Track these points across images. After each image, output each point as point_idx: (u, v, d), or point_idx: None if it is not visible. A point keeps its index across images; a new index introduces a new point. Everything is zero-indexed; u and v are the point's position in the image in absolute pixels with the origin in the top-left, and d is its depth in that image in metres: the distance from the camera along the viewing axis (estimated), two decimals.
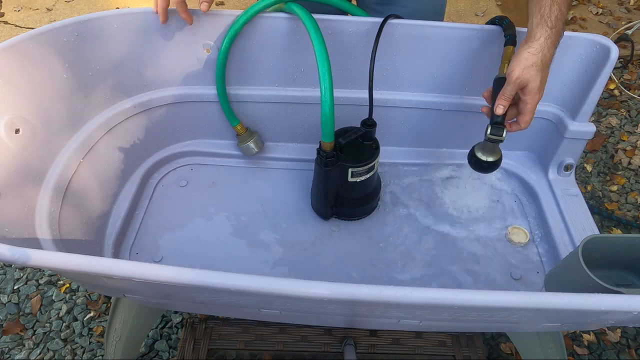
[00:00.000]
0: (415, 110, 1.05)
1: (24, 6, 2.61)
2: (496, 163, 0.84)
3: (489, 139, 0.80)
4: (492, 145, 0.82)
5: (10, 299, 1.36)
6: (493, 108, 0.78)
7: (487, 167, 0.84)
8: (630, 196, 1.64)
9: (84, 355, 1.25)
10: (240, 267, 0.94)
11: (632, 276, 0.78)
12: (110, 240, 0.94)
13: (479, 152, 0.84)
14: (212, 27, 0.92)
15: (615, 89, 2.11)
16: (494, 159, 0.83)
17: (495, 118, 0.79)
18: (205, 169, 1.13)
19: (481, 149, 0.84)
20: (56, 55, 0.84)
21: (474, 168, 0.86)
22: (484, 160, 0.83)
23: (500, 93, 0.77)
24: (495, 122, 0.79)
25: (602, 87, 0.91)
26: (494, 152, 0.83)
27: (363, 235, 1.00)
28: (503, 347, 1.25)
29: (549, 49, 0.75)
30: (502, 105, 0.77)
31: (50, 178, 0.84)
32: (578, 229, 0.95)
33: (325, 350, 1.10)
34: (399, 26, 0.91)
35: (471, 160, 0.86)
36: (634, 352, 1.25)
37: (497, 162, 0.84)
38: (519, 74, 0.74)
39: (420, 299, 0.51)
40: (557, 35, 0.76)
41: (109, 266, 0.54)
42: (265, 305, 0.72)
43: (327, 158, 0.88)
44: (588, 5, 2.64)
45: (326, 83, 0.80)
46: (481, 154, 0.83)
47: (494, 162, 0.83)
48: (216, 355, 1.12)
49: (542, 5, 0.75)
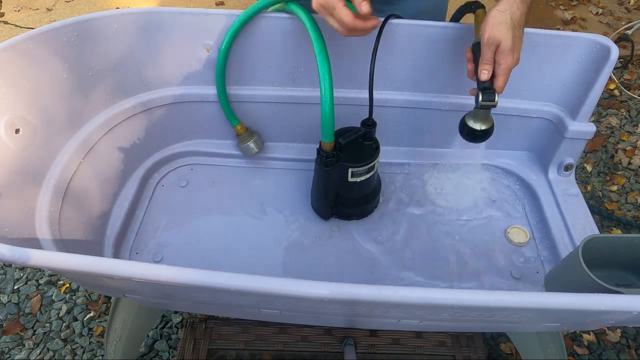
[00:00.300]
0: (415, 110, 1.05)
1: (24, 6, 2.61)
2: (489, 131, 0.80)
3: (482, 106, 0.76)
4: (484, 113, 0.79)
5: (10, 299, 1.36)
6: (477, 75, 0.76)
7: (481, 136, 0.80)
8: (630, 196, 1.65)
9: (84, 355, 1.25)
10: (240, 267, 0.94)
11: (632, 276, 0.78)
12: (110, 240, 0.94)
13: (471, 121, 0.80)
14: (212, 27, 0.92)
15: (615, 89, 2.11)
16: (487, 126, 0.80)
17: (482, 84, 0.76)
18: (205, 169, 1.13)
19: (473, 117, 0.80)
20: (56, 55, 0.84)
21: (467, 139, 0.82)
22: (478, 129, 0.79)
23: (480, 59, 0.75)
24: (484, 87, 0.76)
25: (602, 87, 0.91)
26: (486, 119, 0.80)
27: (363, 235, 1.00)
28: (503, 347, 1.25)
29: (519, 7, 0.73)
30: (485, 70, 0.75)
31: (50, 178, 0.84)
32: (578, 229, 0.95)
33: (325, 350, 1.10)
34: (399, 26, 0.91)
35: (463, 130, 0.82)
36: (634, 352, 1.25)
37: (490, 130, 0.80)
38: (490, 33, 0.73)
39: (420, 299, 0.51)
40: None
41: (109, 266, 0.53)
42: (265, 305, 0.72)
43: (327, 158, 0.88)
44: (588, 5, 2.64)
45: (326, 83, 0.80)
46: (473, 122, 0.80)
47: (488, 130, 0.80)
48: (216, 355, 1.12)
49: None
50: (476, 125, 0.80)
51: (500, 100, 1.01)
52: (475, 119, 0.80)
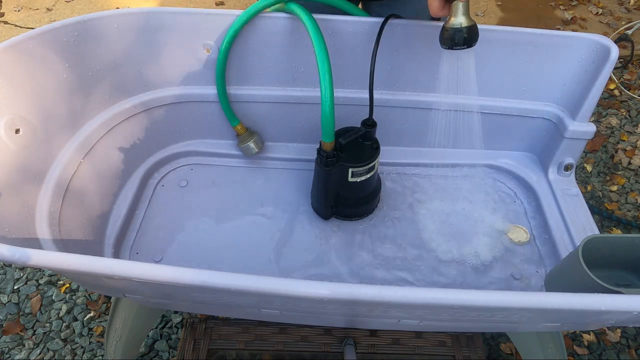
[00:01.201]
0: (415, 110, 1.05)
1: (24, 6, 2.61)
2: (474, 28, 0.72)
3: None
4: (460, 9, 0.71)
5: (10, 299, 1.36)
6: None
7: (467, 32, 0.72)
8: (630, 196, 1.65)
9: (84, 355, 1.25)
10: (240, 267, 0.94)
11: (632, 276, 0.78)
12: (110, 240, 0.94)
13: (450, 23, 0.72)
14: (212, 27, 0.92)
15: (615, 89, 2.11)
16: (470, 22, 0.71)
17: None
18: (205, 169, 1.13)
19: (449, 21, 0.73)
20: (56, 55, 0.84)
21: (452, 45, 0.73)
22: (460, 26, 0.71)
23: None
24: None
25: (602, 87, 0.91)
26: (465, 16, 0.71)
27: (363, 235, 1.00)
28: (503, 347, 1.25)
29: None
30: None
31: (50, 178, 0.84)
32: (578, 229, 0.95)
33: (325, 350, 1.10)
34: (400, 26, 0.91)
35: (445, 37, 0.73)
36: (634, 352, 1.25)
37: (474, 26, 0.72)
38: None
39: (420, 299, 0.51)
40: None
41: (109, 266, 0.53)
42: (265, 305, 0.72)
43: (328, 158, 0.88)
44: (588, 5, 2.64)
45: (326, 83, 0.80)
46: (453, 21, 0.72)
47: (472, 27, 0.72)
48: (216, 355, 1.12)
49: None
50: (458, 23, 0.71)
51: (500, 101, 1.02)
52: (455, 18, 0.72)
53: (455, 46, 0.73)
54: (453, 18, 0.72)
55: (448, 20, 0.73)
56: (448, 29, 0.73)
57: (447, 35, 0.73)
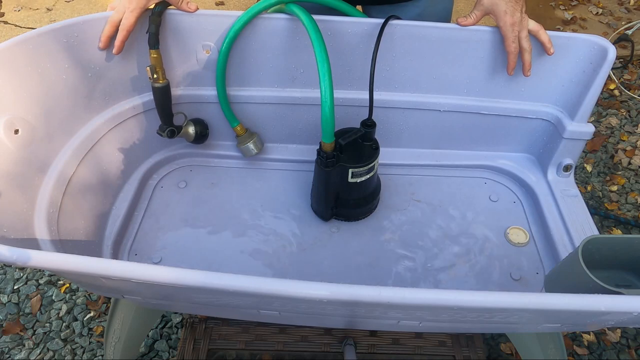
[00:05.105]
0: (415, 111, 1.05)
1: (24, 6, 2.61)
2: None
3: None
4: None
5: (10, 299, 1.36)
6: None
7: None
8: (630, 196, 1.65)
9: (83, 355, 1.25)
10: (239, 268, 0.94)
11: (632, 276, 0.78)
12: (109, 241, 0.94)
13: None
14: (212, 28, 0.92)
15: (615, 89, 2.11)
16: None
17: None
18: (204, 170, 1.13)
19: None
20: (56, 56, 0.84)
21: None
22: None
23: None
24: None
25: (600, 87, 0.91)
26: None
27: (363, 236, 1.00)
28: (503, 347, 1.25)
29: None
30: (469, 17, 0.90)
31: (49, 179, 0.84)
32: (578, 230, 0.95)
33: (325, 350, 1.10)
34: (399, 27, 0.91)
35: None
36: (634, 352, 1.25)
37: None
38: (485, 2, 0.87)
39: (420, 300, 0.51)
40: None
41: (108, 267, 0.53)
42: (265, 306, 0.72)
43: (327, 159, 0.88)
44: (588, 5, 2.64)
45: (326, 84, 0.80)
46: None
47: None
48: (216, 355, 1.12)
49: None
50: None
51: (499, 102, 1.02)
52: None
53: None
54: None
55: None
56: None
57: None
